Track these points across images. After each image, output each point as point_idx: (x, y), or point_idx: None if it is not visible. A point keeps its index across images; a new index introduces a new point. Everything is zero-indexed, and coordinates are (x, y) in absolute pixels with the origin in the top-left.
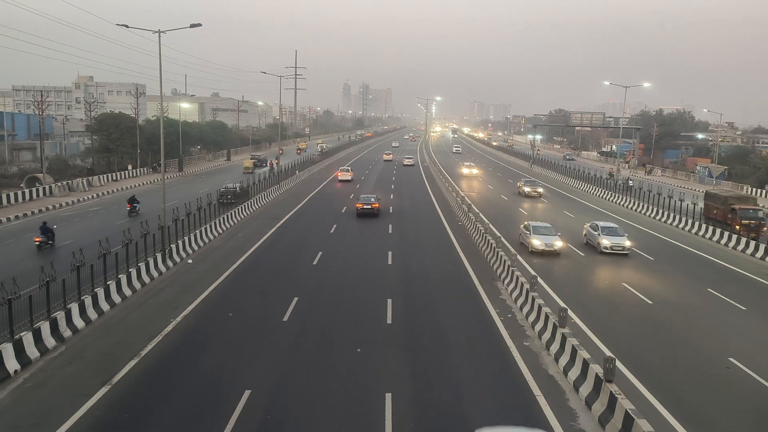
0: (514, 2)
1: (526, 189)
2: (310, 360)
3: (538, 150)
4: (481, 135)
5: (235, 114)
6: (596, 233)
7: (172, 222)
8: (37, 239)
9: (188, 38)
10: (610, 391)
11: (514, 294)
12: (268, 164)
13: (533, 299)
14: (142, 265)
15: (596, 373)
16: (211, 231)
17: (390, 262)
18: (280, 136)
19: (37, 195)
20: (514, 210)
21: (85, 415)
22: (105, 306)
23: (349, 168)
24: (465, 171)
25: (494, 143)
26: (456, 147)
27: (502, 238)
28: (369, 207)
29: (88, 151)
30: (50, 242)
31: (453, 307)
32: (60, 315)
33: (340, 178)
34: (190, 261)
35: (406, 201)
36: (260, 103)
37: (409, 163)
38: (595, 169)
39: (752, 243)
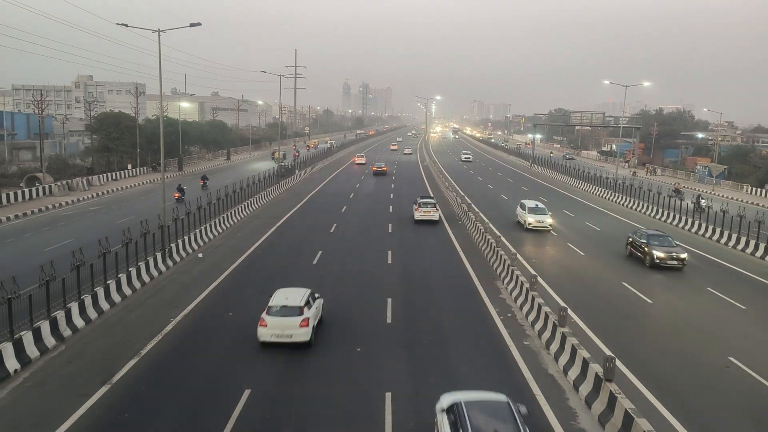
0: (514, 2)
1: (659, 254)
2: (310, 359)
3: (551, 153)
4: (478, 135)
5: (234, 113)
6: None
7: (171, 221)
8: (177, 194)
9: (188, 37)
10: (610, 390)
11: (514, 293)
12: (293, 155)
13: (533, 298)
14: (142, 265)
15: (596, 373)
16: (211, 230)
17: (390, 262)
18: (279, 135)
19: (37, 194)
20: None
21: (85, 414)
22: (105, 305)
23: (364, 154)
24: (530, 220)
25: (504, 145)
26: (466, 154)
27: None
28: (380, 169)
29: (87, 151)
30: (183, 197)
31: (453, 306)
32: (60, 314)
33: (356, 162)
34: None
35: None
36: (260, 102)
37: (408, 152)
38: (595, 169)
39: (752, 242)
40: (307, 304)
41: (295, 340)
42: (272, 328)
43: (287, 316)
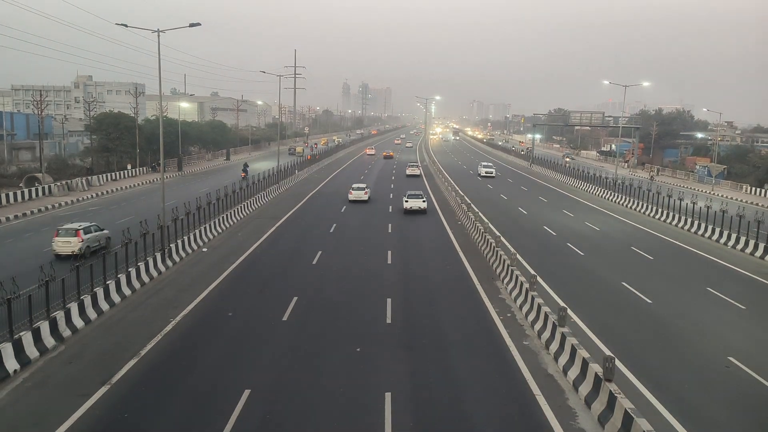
0: (514, 3)
1: None
2: (310, 359)
3: (567, 159)
4: (480, 136)
5: (234, 113)
6: None
7: (171, 222)
8: (243, 174)
9: (188, 38)
10: (610, 390)
11: (514, 293)
12: (309, 149)
13: (533, 298)
14: (142, 265)
15: (595, 372)
16: (210, 230)
17: (389, 261)
18: (279, 135)
19: (36, 195)
20: None
21: (85, 414)
22: (104, 306)
23: (374, 147)
24: None
25: (521, 151)
26: (487, 168)
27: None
28: (388, 154)
29: (87, 151)
30: (248, 176)
31: (452, 306)
32: (59, 315)
33: (367, 152)
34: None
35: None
36: (259, 102)
37: (409, 146)
38: (596, 169)
39: (751, 242)
40: (367, 186)
41: (363, 199)
42: (354, 195)
43: (359, 190)
